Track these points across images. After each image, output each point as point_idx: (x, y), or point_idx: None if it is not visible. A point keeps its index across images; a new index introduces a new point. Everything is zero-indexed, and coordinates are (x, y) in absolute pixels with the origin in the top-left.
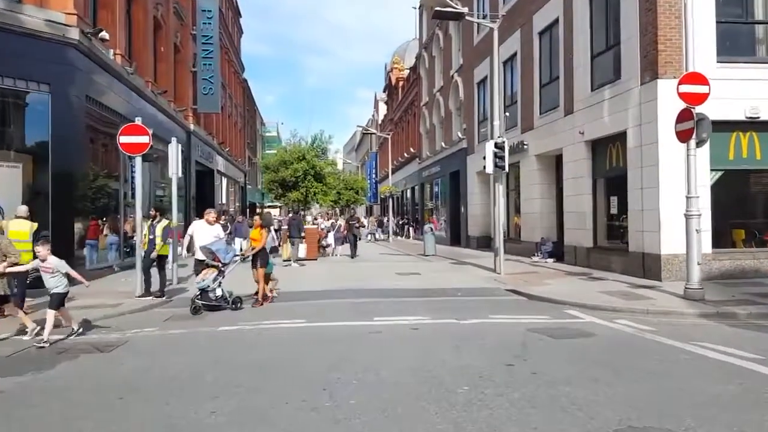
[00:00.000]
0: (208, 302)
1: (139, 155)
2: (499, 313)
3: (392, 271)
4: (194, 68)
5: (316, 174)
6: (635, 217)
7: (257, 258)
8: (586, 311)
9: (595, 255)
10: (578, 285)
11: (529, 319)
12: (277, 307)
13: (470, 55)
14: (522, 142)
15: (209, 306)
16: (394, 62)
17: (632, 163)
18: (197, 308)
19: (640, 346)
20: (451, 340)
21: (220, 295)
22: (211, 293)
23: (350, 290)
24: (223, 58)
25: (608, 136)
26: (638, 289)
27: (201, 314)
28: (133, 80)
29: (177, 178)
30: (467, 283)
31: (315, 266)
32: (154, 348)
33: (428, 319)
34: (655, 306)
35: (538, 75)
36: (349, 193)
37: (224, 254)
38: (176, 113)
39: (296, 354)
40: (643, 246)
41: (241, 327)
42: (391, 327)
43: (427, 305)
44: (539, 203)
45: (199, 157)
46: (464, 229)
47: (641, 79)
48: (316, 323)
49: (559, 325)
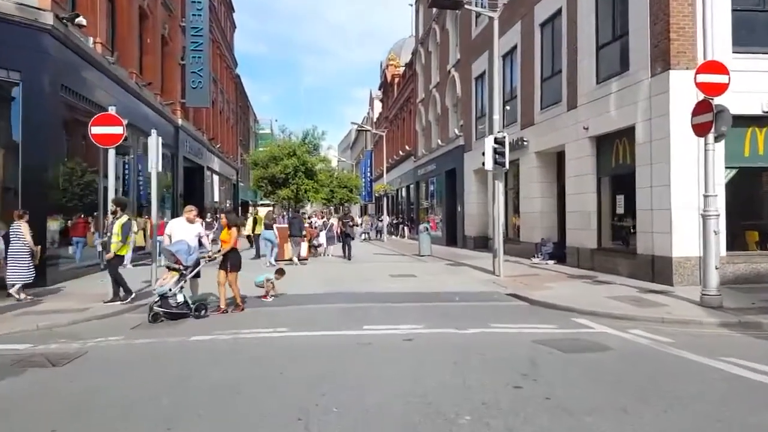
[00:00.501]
0: (168, 309)
1: (113, 147)
2: (500, 321)
3: (386, 273)
4: (183, 61)
5: (307, 171)
6: (644, 217)
7: (227, 260)
8: (596, 319)
9: (600, 257)
10: (583, 289)
11: (534, 328)
12: (260, 313)
13: (468, 50)
14: (522, 139)
15: (170, 314)
16: (390, 59)
17: (641, 159)
18: (156, 316)
19: (663, 363)
20: (448, 354)
21: (181, 302)
22: (171, 299)
23: (340, 294)
24: (215, 52)
25: (615, 131)
26: (649, 294)
27: (174, 322)
28: (114, 70)
29: (157, 173)
30: (465, 286)
31: (305, 267)
32: (114, 361)
33: (423, 328)
34: (671, 314)
35: (539, 68)
36: (343, 191)
37: (186, 256)
38: (163, 107)
39: (272, 372)
40: (652, 248)
41: (216, 337)
42: (383, 338)
43: (422, 311)
44: (539, 202)
45: (188, 153)
46: (460, 229)
47: (652, 70)
48: (300, 332)
49: (569, 336)
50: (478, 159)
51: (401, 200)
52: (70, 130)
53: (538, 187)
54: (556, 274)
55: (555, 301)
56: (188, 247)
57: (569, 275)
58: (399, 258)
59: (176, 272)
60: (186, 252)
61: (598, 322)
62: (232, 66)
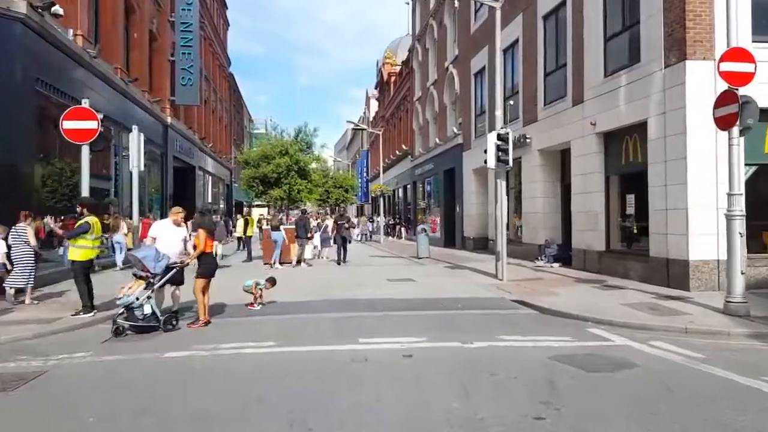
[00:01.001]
0: (134, 322)
1: (86, 143)
2: (509, 332)
3: (383, 277)
4: (172, 57)
5: (300, 170)
6: (657, 217)
7: (199, 266)
8: (613, 330)
9: (608, 260)
10: (594, 295)
11: (547, 341)
12: (244, 324)
13: (466, 45)
14: (524, 136)
15: (136, 327)
16: (386, 57)
17: (654, 156)
18: (119, 330)
19: (700, 384)
20: (455, 373)
21: (149, 313)
22: (137, 311)
23: (334, 301)
24: (207, 49)
25: (624, 127)
26: (666, 301)
27: (149, 335)
28: (98, 65)
29: (139, 171)
30: (467, 291)
31: (298, 271)
32: (72, 384)
33: (425, 341)
34: (694, 324)
35: (542, 62)
36: (338, 191)
37: (154, 263)
38: (152, 104)
39: (251, 398)
40: (666, 251)
41: (192, 353)
42: (380, 353)
43: (422, 321)
44: (542, 202)
45: (178, 152)
46: (459, 230)
47: (665, 61)
48: (288, 348)
49: (588, 350)
50: (477, 158)
51: (398, 200)
52: (47, 127)
53: (541, 187)
54: (563, 278)
55: (566, 308)
56: (156, 252)
57: (576, 279)
58: (396, 260)
59: (143, 281)
60: (153, 258)
61: (616, 333)
62: (225, 64)
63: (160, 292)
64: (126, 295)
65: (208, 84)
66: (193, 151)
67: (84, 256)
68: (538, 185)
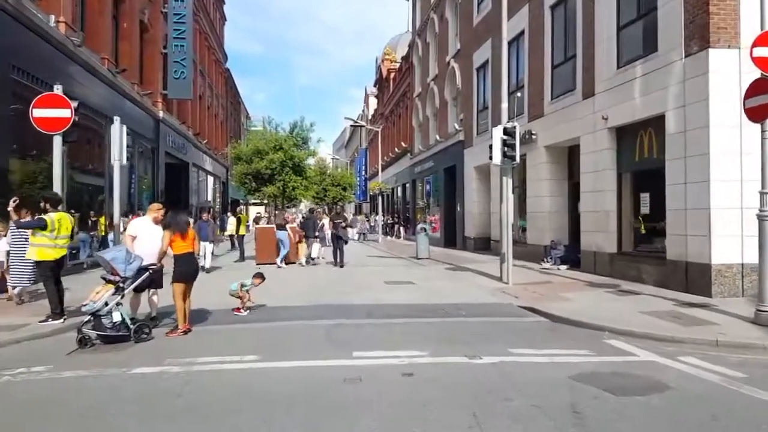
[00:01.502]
0: (102, 331)
1: (59, 133)
2: (520, 344)
3: (381, 279)
4: (165, 50)
5: (294, 166)
6: (676, 218)
7: (174, 269)
8: (634, 342)
9: (621, 262)
10: (608, 301)
11: (564, 355)
12: (227, 333)
13: (469, 39)
14: (529, 132)
15: (104, 337)
16: (386, 53)
17: (673, 152)
18: (84, 340)
19: (748, 411)
20: (463, 397)
21: (118, 321)
22: (105, 319)
23: (328, 306)
24: (202, 44)
25: (639, 121)
26: (688, 308)
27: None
28: (81, 54)
29: (120, 166)
30: (470, 296)
31: (291, 273)
32: (16, 407)
33: (427, 355)
34: (725, 336)
35: (549, 55)
36: (336, 189)
37: (123, 265)
38: (142, 98)
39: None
40: (686, 253)
41: (164, 369)
42: (376, 370)
43: (423, 331)
44: (548, 201)
45: (171, 148)
46: (460, 230)
47: (686, 50)
48: (272, 363)
49: (611, 367)
50: (479, 155)
51: (397, 199)
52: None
53: (547, 185)
54: (572, 281)
55: (580, 316)
56: (127, 253)
57: (587, 283)
58: (394, 261)
59: (112, 285)
60: (124, 260)
61: (639, 346)
62: (221, 60)
63: (136, 296)
64: (93, 301)
65: (203, 79)
66: (187, 147)
67: (46, 256)
68: (544, 183)
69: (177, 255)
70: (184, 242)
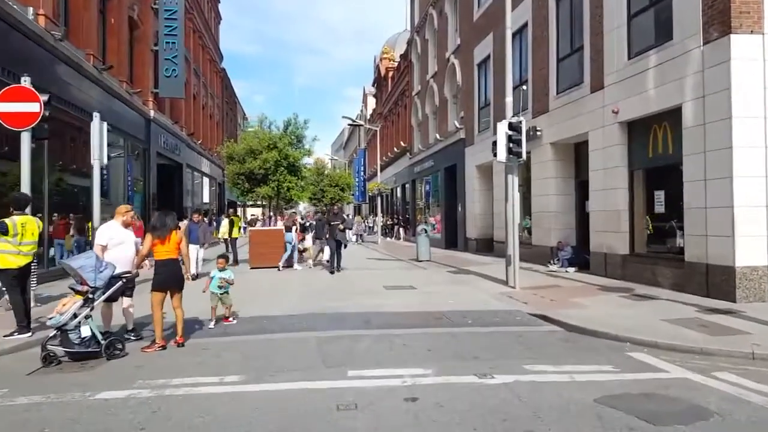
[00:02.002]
0: (69, 348)
1: (27, 129)
2: (535, 358)
3: (379, 283)
4: (156, 47)
5: (289, 165)
6: (695, 217)
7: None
8: (660, 355)
9: (634, 264)
10: (625, 307)
11: (586, 373)
12: (211, 347)
13: (469, 34)
14: (534, 128)
15: (72, 354)
16: (384, 51)
17: (691, 146)
18: (49, 357)
19: None
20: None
21: (88, 336)
22: (73, 333)
23: (322, 315)
24: (196, 42)
25: (653, 114)
26: (712, 315)
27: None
28: (63, 49)
29: (101, 165)
30: (476, 301)
31: (284, 276)
32: None
33: (431, 373)
34: (762, 347)
35: (554, 47)
36: (334, 190)
37: (93, 274)
38: (131, 96)
39: None
40: (706, 255)
41: (134, 393)
42: (374, 394)
43: (427, 342)
44: (555, 200)
45: (163, 148)
46: (461, 231)
47: (704, 36)
48: (255, 386)
49: (641, 387)
50: (481, 153)
51: (396, 200)
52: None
53: (553, 183)
54: (583, 285)
55: (597, 325)
56: (97, 260)
57: (599, 287)
58: (394, 264)
59: (80, 296)
60: (93, 268)
61: (666, 359)
62: (216, 59)
63: (108, 307)
64: (59, 314)
65: (197, 78)
66: (181, 147)
67: (8, 264)
68: (551, 182)
69: (158, 261)
70: (165, 247)
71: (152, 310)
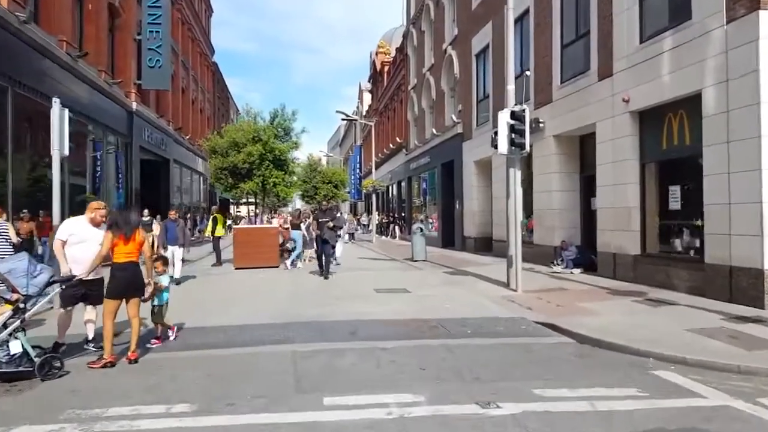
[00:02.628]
0: None
1: None
2: (546, 379)
3: (370, 286)
4: (139, 36)
5: (275, 159)
6: (716, 214)
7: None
8: (690, 374)
9: (646, 266)
10: (641, 314)
11: (608, 399)
12: (165, 365)
13: (467, 23)
14: (536, 120)
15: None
16: (380, 46)
17: (712, 136)
18: None
19: None
20: None
21: (18, 353)
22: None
23: (300, 324)
24: (185, 34)
25: (668, 102)
26: (741, 324)
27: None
28: (28, 32)
29: (61, 156)
30: (475, 307)
31: (268, 277)
32: None
33: (424, 401)
34: None
35: (558, 33)
36: (327, 186)
37: (25, 279)
38: (110, 87)
39: None
40: (729, 256)
41: (55, 429)
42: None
43: (419, 359)
44: (558, 197)
45: (147, 143)
46: (459, 229)
47: (728, 14)
48: (206, 418)
49: (677, 419)
50: (479, 148)
51: (392, 197)
52: None
53: (557, 179)
54: (590, 288)
55: (613, 337)
56: (29, 263)
57: (609, 290)
58: (388, 264)
59: (10, 306)
60: (25, 272)
61: (698, 380)
62: (207, 53)
63: (67, 314)
64: None
65: (186, 71)
66: (168, 142)
67: None
68: (554, 177)
69: (116, 264)
70: (128, 247)
71: (104, 319)
